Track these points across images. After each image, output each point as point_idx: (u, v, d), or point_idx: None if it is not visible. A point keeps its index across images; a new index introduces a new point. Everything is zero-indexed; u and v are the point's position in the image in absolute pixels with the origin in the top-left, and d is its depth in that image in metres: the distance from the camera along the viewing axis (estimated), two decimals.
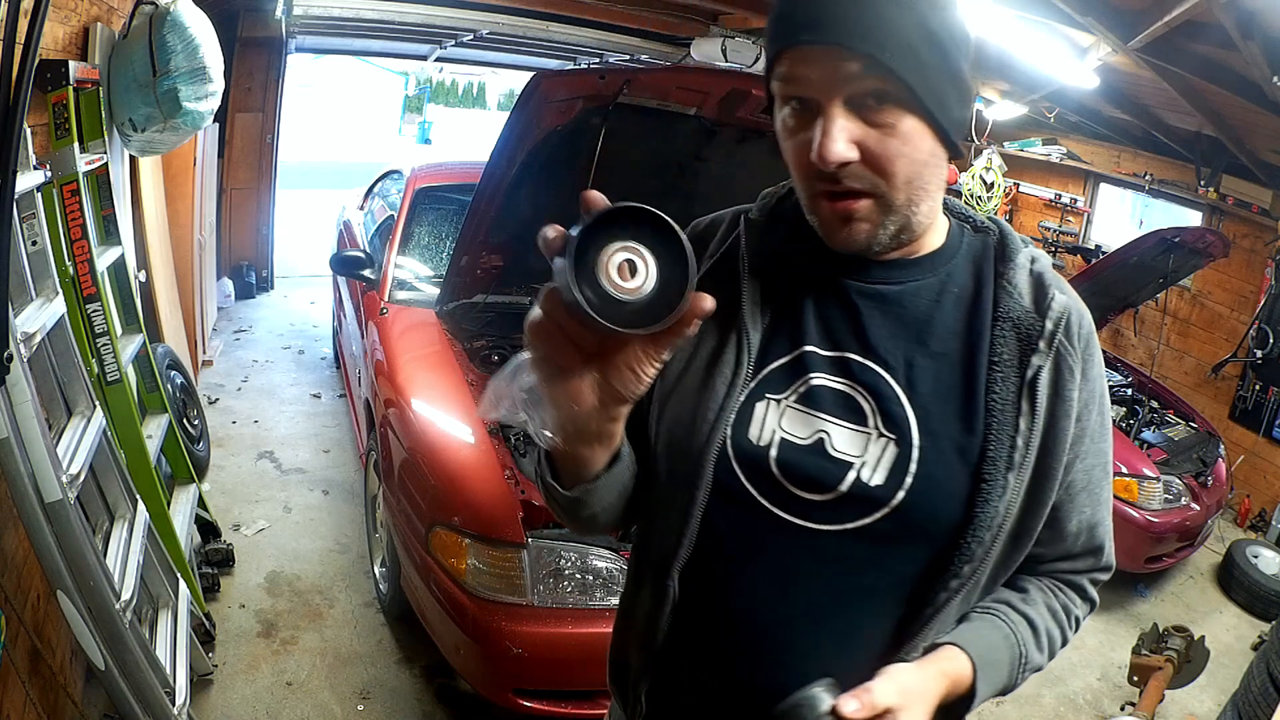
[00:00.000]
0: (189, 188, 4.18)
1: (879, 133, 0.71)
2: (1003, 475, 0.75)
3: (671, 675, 0.87)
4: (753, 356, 0.81)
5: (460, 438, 2.34)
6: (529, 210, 2.68)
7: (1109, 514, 0.88)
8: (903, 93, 0.70)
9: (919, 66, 0.70)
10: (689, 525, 0.81)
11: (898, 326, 0.79)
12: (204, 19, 2.63)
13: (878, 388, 0.78)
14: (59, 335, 1.81)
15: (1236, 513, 4.63)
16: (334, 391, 4.63)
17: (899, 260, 0.81)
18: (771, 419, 0.79)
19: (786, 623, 0.79)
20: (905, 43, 0.69)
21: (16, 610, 1.60)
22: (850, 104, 0.71)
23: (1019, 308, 0.78)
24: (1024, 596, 0.86)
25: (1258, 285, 4.75)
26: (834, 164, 0.70)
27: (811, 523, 0.77)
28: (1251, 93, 3.36)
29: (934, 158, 0.74)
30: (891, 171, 0.72)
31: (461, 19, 5.57)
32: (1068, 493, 0.82)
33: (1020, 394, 0.76)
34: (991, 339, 0.78)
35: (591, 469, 0.75)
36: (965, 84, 0.75)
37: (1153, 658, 2.72)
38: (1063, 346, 0.78)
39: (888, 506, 0.75)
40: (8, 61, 1.45)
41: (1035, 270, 0.81)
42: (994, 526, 0.75)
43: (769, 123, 2.98)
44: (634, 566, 0.92)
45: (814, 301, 0.82)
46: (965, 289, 0.81)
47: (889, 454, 0.76)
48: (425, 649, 2.54)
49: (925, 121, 0.72)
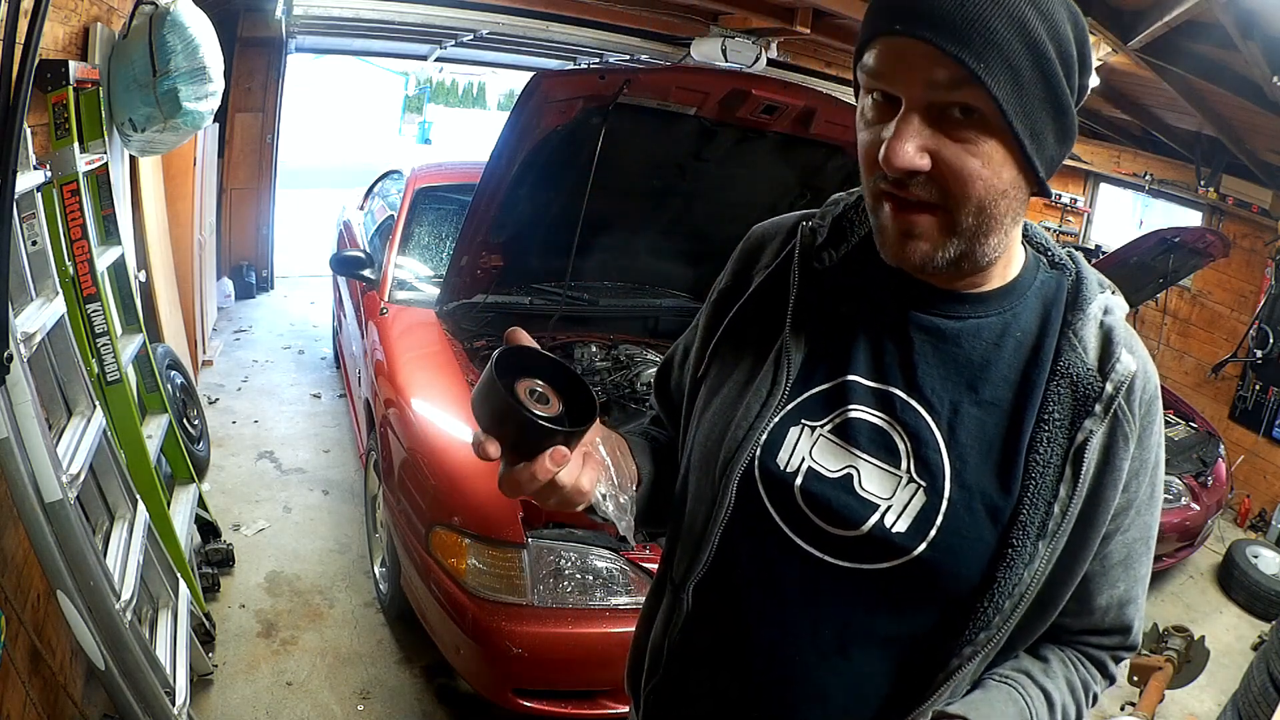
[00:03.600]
0: (189, 188, 4.18)
1: (959, 147, 0.64)
2: (1032, 543, 0.70)
3: (676, 686, 0.87)
4: (791, 378, 0.77)
5: (460, 438, 2.34)
6: (529, 210, 2.69)
7: (1144, 591, 0.81)
8: (993, 113, 0.63)
9: (1018, 89, 0.62)
10: (708, 542, 0.79)
11: (950, 368, 0.74)
12: (204, 19, 2.63)
13: (918, 430, 0.73)
14: (59, 335, 1.81)
15: (1236, 513, 4.63)
16: (334, 391, 4.63)
17: (964, 294, 0.75)
18: (803, 446, 0.76)
19: (793, 654, 0.76)
20: (1007, 58, 0.61)
21: (16, 610, 1.60)
22: (933, 111, 0.64)
23: (1080, 364, 0.72)
24: (1045, 668, 0.80)
25: (1258, 285, 4.75)
26: (900, 170, 0.64)
27: (830, 557, 0.74)
28: (1251, 93, 3.36)
29: (1015, 189, 0.67)
30: (964, 192, 0.65)
31: (461, 19, 5.57)
32: (1102, 565, 0.76)
33: (1066, 458, 0.70)
34: (1045, 394, 0.72)
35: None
36: (1068, 118, 0.67)
37: (1153, 658, 2.72)
38: (1121, 412, 0.71)
39: (907, 556, 0.71)
40: (8, 61, 1.44)
41: (1106, 324, 0.74)
42: (1016, 595, 0.70)
43: (769, 123, 2.97)
44: (658, 574, 0.92)
45: (866, 328, 0.77)
46: (1028, 334, 0.75)
47: (917, 501, 0.72)
48: (425, 649, 2.54)
49: (1013, 149, 0.65)
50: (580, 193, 2.46)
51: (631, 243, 3.10)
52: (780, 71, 5.79)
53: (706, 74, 2.85)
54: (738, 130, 2.58)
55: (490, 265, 2.91)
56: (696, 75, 2.62)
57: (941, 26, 0.61)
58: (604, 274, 3.24)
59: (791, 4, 4.63)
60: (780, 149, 2.68)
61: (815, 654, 0.76)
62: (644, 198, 2.88)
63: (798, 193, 2.91)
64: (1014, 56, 0.62)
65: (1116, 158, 5.67)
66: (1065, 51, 0.64)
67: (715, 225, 2.93)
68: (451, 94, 39.72)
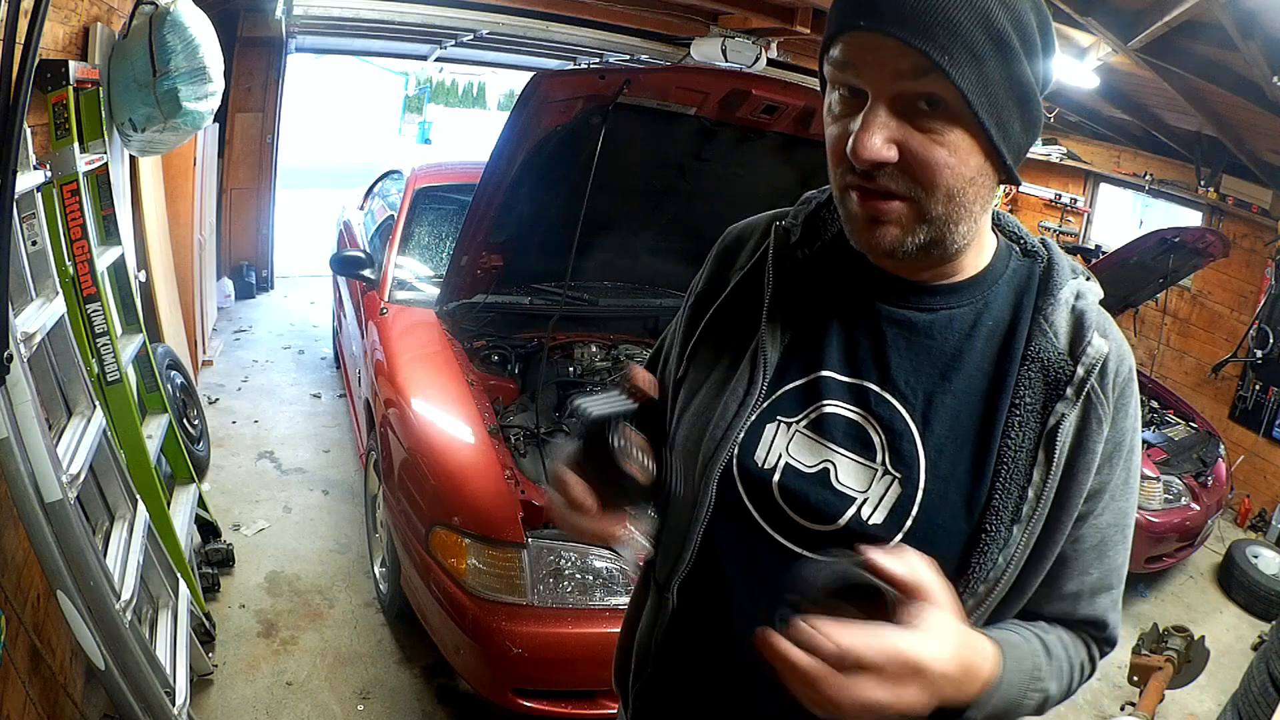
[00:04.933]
0: (189, 188, 4.18)
1: (924, 137, 0.65)
2: (1006, 527, 0.70)
3: (664, 684, 0.88)
4: (768, 377, 0.78)
5: (460, 438, 2.34)
6: (529, 210, 2.68)
7: (1120, 584, 0.80)
8: (959, 103, 0.64)
9: (981, 78, 0.63)
10: (690, 541, 0.80)
11: (923, 359, 0.75)
12: (204, 19, 2.63)
13: (892, 422, 0.74)
14: (59, 335, 1.81)
15: (1236, 513, 4.63)
16: (334, 391, 4.63)
17: (935, 285, 0.76)
18: (780, 443, 0.77)
19: None
20: (970, 48, 0.62)
21: (16, 610, 1.60)
22: (899, 103, 0.65)
23: (1051, 349, 0.72)
24: (1037, 625, 0.79)
25: (1258, 285, 4.75)
26: (868, 162, 0.65)
27: (810, 552, 0.74)
28: (1251, 93, 3.36)
29: (982, 176, 0.68)
30: (932, 181, 0.66)
31: (461, 19, 5.57)
32: (1074, 548, 0.75)
33: (1039, 443, 0.71)
34: (1016, 380, 0.72)
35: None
36: (1034, 106, 0.68)
37: (1153, 658, 2.72)
38: (1094, 394, 0.72)
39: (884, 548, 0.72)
40: (8, 61, 1.44)
41: (1078, 308, 0.74)
42: (990, 580, 0.71)
43: (769, 123, 2.95)
44: (643, 573, 0.93)
45: (839, 323, 0.78)
46: (1000, 322, 0.75)
47: (892, 493, 0.72)
48: (425, 649, 2.54)
49: (979, 138, 0.66)
50: (580, 193, 2.46)
51: (632, 243, 3.10)
52: (780, 71, 5.79)
53: (706, 74, 2.84)
54: (738, 130, 2.58)
55: (490, 265, 2.91)
56: (696, 75, 2.61)
57: (905, 20, 0.62)
58: (604, 274, 3.24)
59: (791, 4, 4.63)
60: (780, 149, 2.68)
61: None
62: (644, 198, 2.88)
63: (798, 193, 2.89)
64: (977, 46, 0.62)
65: (1116, 158, 5.68)
66: (1029, 39, 0.65)
67: (715, 225, 2.89)
68: (451, 94, 39.72)
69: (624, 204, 2.82)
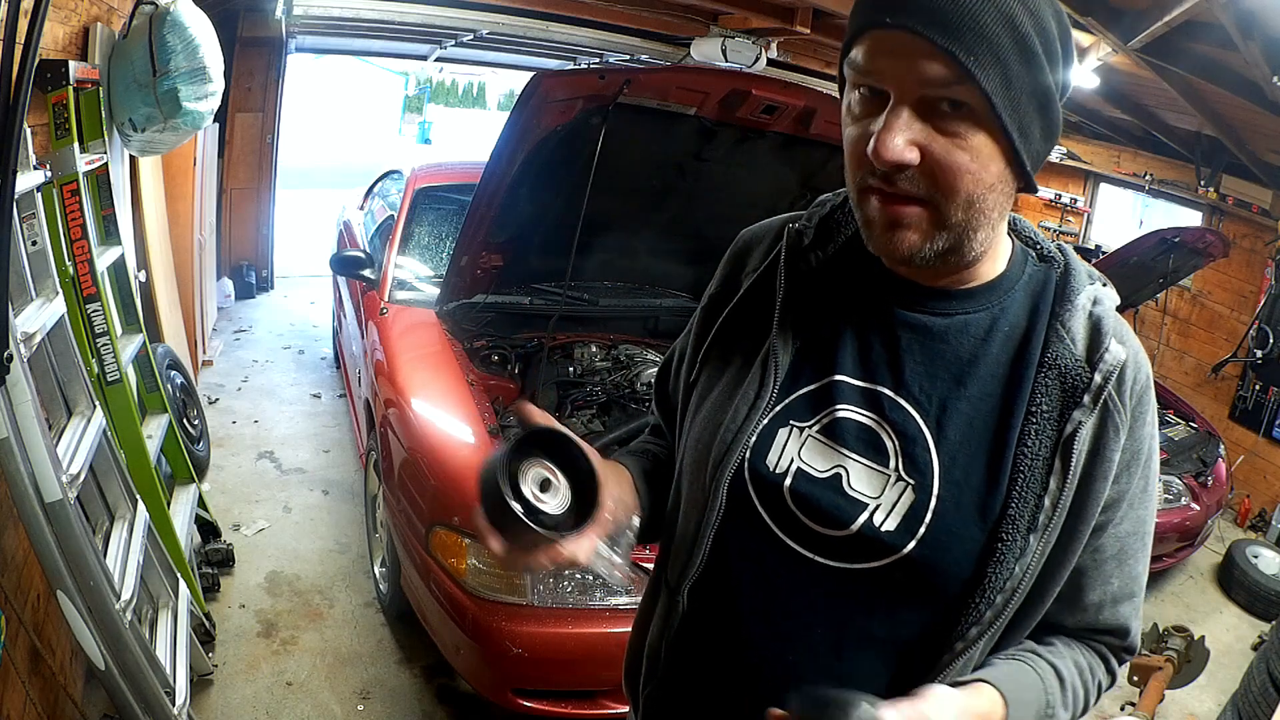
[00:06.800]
0: (189, 188, 4.18)
1: (947, 141, 0.64)
2: (1022, 536, 0.69)
3: (675, 687, 0.87)
4: (779, 380, 0.77)
5: (460, 438, 2.34)
6: (529, 210, 2.68)
7: (1141, 591, 0.79)
8: (983, 107, 0.63)
9: (1007, 83, 0.62)
10: (701, 544, 0.80)
11: (938, 365, 0.74)
12: (204, 19, 2.63)
13: (906, 428, 0.73)
14: (59, 335, 1.81)
15: (1236, 513, 4.63)
16: (334, 391, 4.63)
17: (950, 290, 0.75)
18: (792, 447, 0.76)
19: (787, 653, 0.77)
20: (996, 52, 0.61)
21: (16, 610, 1.60)
22: (922, 105, 0.64)
23: (1068, 355, 0.71)
24: (1051, 649, 0.79)
25: (1258, 285, 4.75)
26: (890, 163, 0.64)
27: (820, 557, 0.74)
28: (1251, 93, 3.36)
29: (1002, 183, 0.67)
30: (953, 186, 0.65)
31: (461, 19, 5.57)
32: (1094, 559, 0.75)
33: (1055, 450, 0.70)
34: (1033, 387, 0.71)
35: None
36: (1054, 113, 0.67)
37: (1153, 658, 2.72)
38: (1111, 402, 0.71)
39: (897, 555, 0.71)
40: (8, 61, 1.44)
41: (1095, 314, 0.73)
42: (1008, 590, 0.70)
43: (769, 123, 2.96)
44: (653, 575, 0.93)
45: (853, 327, 0.77)
46: (1016, 328, 0.74)
47: (905, 500, 0.72)
48: (425, 649, 2.54)
49: (1001, 143, 0.65)
50: (580, 193, 2.46)
51: (631, 243, 3.10)
52: (780, 71, 5.79)
53: (706, 74, 2.85)
54: (738, 130, 2.58)
55: (490, 265, 2.91)
56: (696, 75, 2.62)
57: (933, 20, 0.61)
58: (604, 274, 3.24)
59: (791, 4, 4.63)
60: (780, 149, 2.67)
61: (809, 653, 0.76)
62: (644, 198, 2.88)
63: (798, 193, 2.90)
64: (1003, 51, 0.62)
65: (1116, 158, 5.67)
66: (1051, 46, 0.65)
67: (715, 225, 2.91)
68: (451, 94, 39.71)
69: (624, 204, 2.82)
